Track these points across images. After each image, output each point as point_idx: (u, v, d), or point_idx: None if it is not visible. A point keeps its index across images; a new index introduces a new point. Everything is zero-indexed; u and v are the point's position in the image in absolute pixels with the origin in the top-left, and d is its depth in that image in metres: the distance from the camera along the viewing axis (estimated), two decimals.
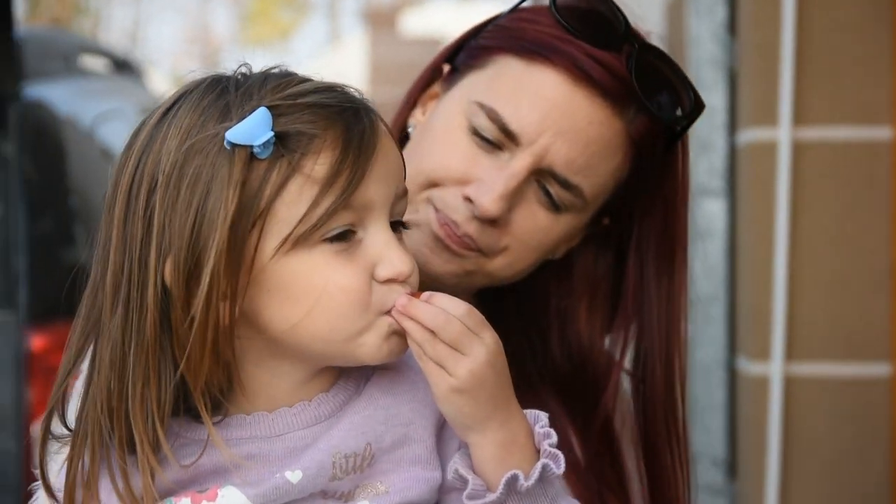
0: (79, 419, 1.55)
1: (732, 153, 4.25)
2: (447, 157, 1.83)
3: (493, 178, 1.80)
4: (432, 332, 1.50)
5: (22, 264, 3.91)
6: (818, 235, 3.99)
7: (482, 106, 1.81)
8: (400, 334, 1.52)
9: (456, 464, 1.55)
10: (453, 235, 1.82)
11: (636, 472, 1.94)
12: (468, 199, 1.80)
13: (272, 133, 1.48)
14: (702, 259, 4.22)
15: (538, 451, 1.55)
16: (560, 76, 1.80)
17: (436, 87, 1.95)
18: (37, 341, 3.88)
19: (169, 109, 1.54)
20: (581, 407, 1.92)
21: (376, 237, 1.52)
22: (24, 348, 3.88)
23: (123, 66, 5.92)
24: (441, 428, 1.58)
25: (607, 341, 1.98)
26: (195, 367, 1.49)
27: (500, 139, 1.81)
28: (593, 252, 1.97)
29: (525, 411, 1.58)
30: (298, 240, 1.48)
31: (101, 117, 4.78)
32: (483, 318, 1.54)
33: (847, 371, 4.00)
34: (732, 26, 4.21)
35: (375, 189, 1.52)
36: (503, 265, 1.86)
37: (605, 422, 1.91)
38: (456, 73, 1.90)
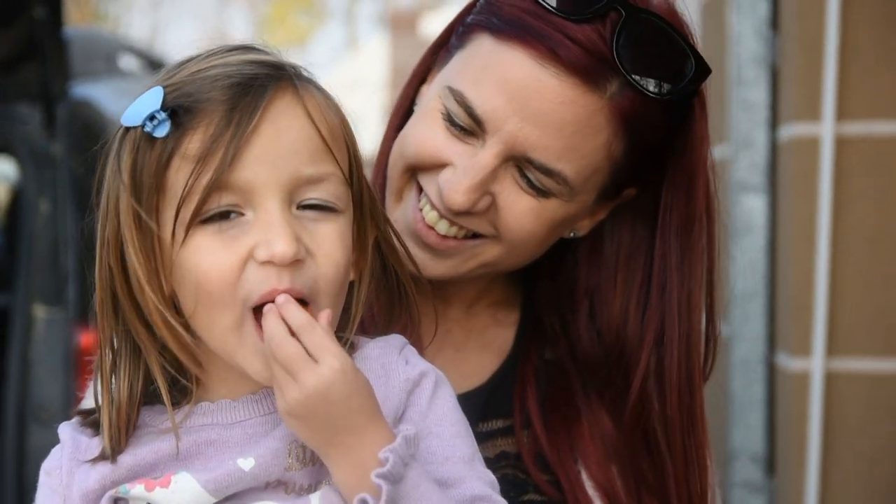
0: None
1: (773, 149, 4.25)
2: (423, 141, 1.75)
3: (463, 167, 1.72)
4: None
5: (71, 262, 3.94)
6: (860, 230, 3.98)
7: (452, 90, 1.73)
8: None
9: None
10: (433, 235, 1.76)
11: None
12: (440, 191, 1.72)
13: (160, 110, 1.43)
14: (742, 255, 4.22)
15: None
16: (527, 55, 1.69)
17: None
18: (85, 338, 3.90)
19: None
20: (614, 392, 1.84)
21: (261, 219, 1.45)
22: (73, 345, 3.91)
23: (158, 67, 5.95)
24: (397, 420, 1.53)
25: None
26: (147, 347, 1.48)
27: (470, 125, 1.72)
28: (629, 224, 1.86)
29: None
30: (188, 222, 1.43)
31: None
32: (325, 337, 1.42)
33: (887, 366, 3.99)
34: (775, 22, 4.21)
35: (255, 170, 1.44)
36: (501, 252, 1.78)
37: (638, 407, 1.83)
38: (449, 52, 1.82)
